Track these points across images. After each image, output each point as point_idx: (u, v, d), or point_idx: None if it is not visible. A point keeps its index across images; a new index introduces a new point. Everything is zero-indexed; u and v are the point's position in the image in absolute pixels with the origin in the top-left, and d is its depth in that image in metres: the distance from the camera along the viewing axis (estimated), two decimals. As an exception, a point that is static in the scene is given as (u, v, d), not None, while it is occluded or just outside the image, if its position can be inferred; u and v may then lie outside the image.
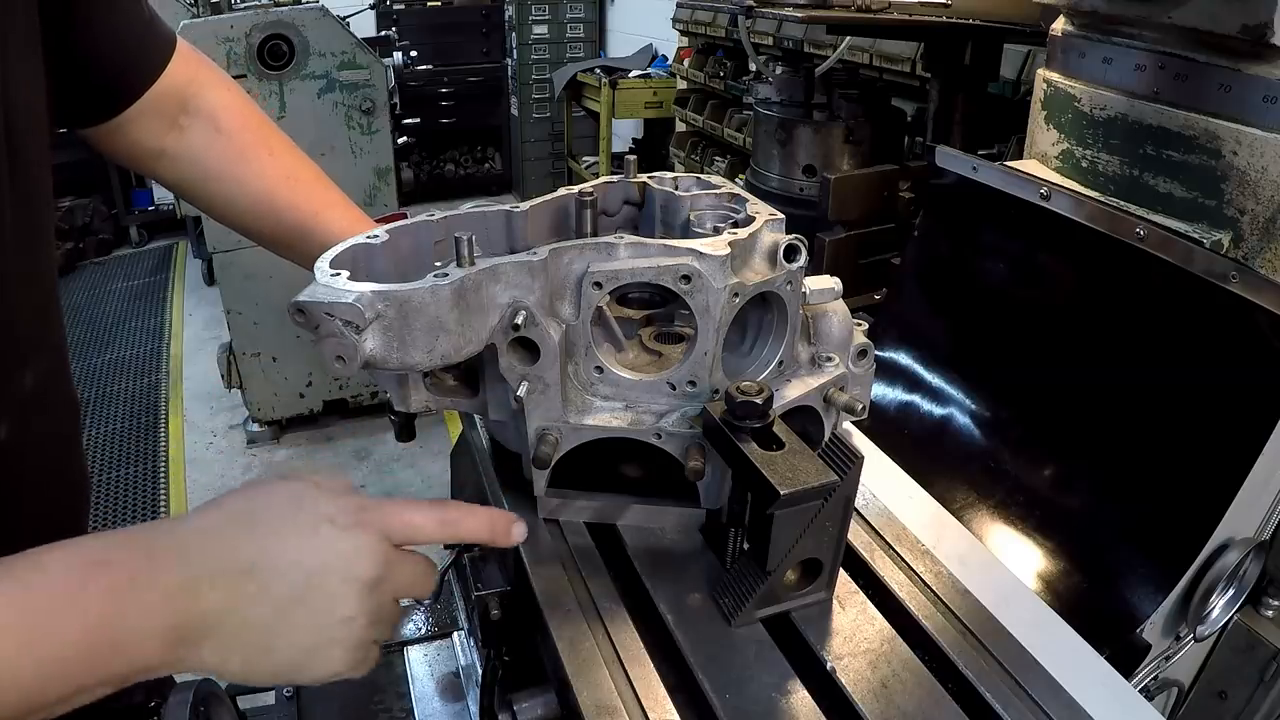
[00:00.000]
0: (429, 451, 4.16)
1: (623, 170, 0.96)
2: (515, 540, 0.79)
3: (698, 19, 4.78)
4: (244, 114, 1.12)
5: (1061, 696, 0.71)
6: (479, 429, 1.02)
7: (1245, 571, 1.08)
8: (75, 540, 0.64)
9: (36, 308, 0.89)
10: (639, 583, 0.82)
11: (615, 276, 0.77)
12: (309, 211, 1.09)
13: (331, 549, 0.67)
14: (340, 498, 0.70)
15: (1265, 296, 1.00)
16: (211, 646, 0.65)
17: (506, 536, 0.78)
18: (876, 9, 2.11)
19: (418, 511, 0.73)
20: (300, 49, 3.58)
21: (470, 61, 7.55)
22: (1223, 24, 1.09)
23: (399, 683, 1.04)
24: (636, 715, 0.68)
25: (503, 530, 0.78)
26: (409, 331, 0.72)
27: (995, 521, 1.26)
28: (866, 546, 0.87)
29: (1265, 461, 1.00)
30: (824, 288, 0.89)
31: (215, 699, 0.92)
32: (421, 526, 0.73)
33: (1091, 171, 1.37)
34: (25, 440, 0.87)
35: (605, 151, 6.15)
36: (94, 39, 0.95)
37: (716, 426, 0.74)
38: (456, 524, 0.76)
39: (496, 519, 0.78)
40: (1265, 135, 1.11)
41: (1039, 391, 1.31)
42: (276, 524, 0.68)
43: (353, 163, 3.82)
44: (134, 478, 4.15)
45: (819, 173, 2.28)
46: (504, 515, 0.79)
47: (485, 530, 0.77)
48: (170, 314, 5.90)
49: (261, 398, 4.19)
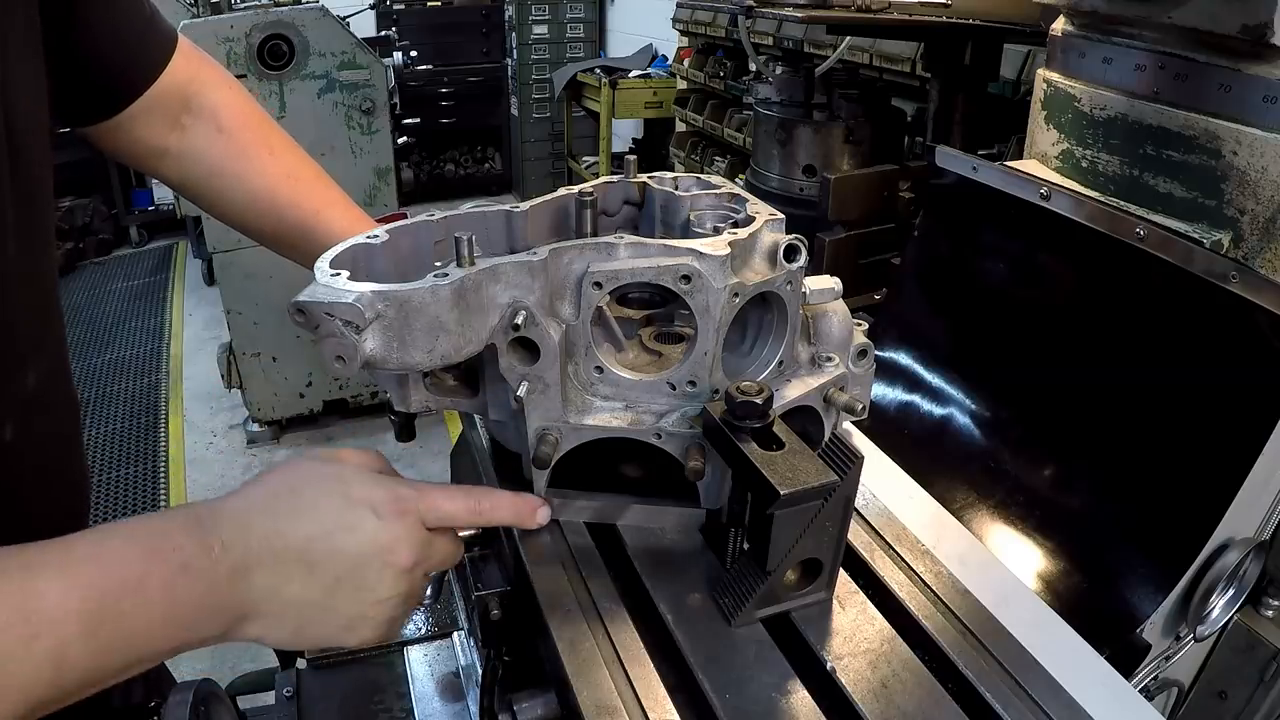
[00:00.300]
0: (429, 451, 4.16)
1: (623, 170, 0.96)
2: (540, 522, 0.83)
3: (698, 19, 4.78)
4: (245, 112, 1.12)
5: (1061, 696, 0.71)
6: (479, 429, 1.02)
7: (1245, 571, 1.08)
8: (129, 525, 0.67)
9: (38, 308, 0.89)
10: (639, 583, 0.82)
11: (615, 276, 0.77)
12: (310, 210, 1.09)
13: (373, 539, 0.72)
14: (380, 487, 0.74)
15: (1265, 296, 1.00)
16: (260, 624, 0.70)
17: (532, 519, 0.83)
18: (876, 9, 2.11)
19: (451, 500, 0.78)
20: (300, 49, 3.58)
21: (470, 61, 7.55)
22: (1223, 24, 1.09)
23: (399, 683, 1.04)
24: (636, 715, 0.68)
25: (528, 513, 0.82)
26: (409, 331, 0.72)
27: (995, 521, 1.26)
28: (866, 546, 0.87)
29: (1265, 461, 1.00)
30: (824, 288, 0.89)
31: (215, 699, 0.92)
32: (454, 515, 0.78)
33: (1091, 171, 1.37)
34: (27, 440, 0.87)
35: (605, 151, 6.15)
36: (95, 37, 0.95)
37: (716, 426, 0.74)
38: (487, 512, 0.81)
39: (522, 504, 0.82)
40: (1265, 135, 1.11)
41: (1039, 391, 1.31)
42: (322, 513, 0.71)
43: (353, 163, 3.82)
44: (134, 478, 4.15)
45: (819, 173, 2.28)
46: (529, 499, 0.83)
47: (511, 515, 0.82)
48: (170, 314, 5.90)
49: (261, 398, 4.19)
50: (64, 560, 0.62)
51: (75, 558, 0.63)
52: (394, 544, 0.73)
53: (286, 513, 0.71)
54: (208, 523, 0.68)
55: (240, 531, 0.68)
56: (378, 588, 0.73)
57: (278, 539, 0.69)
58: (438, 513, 0.77)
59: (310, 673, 1.06)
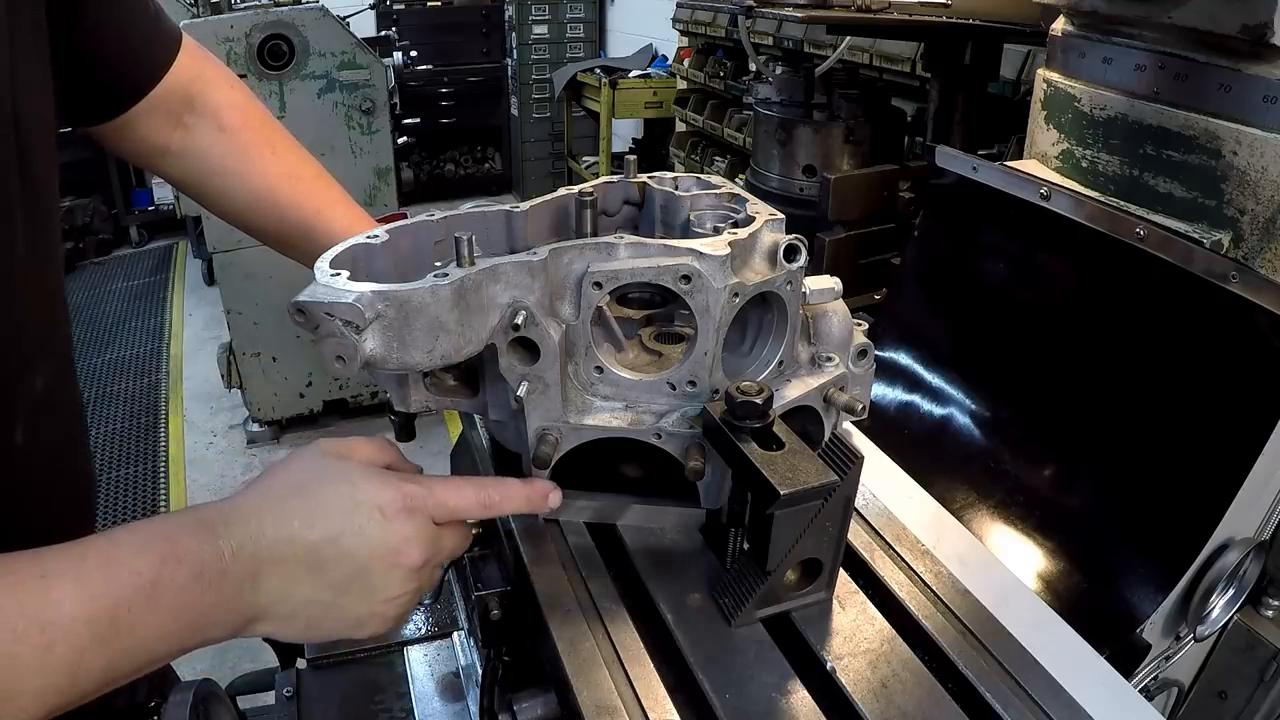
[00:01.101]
0: (429, 451, 4.15)
1: (623, 170, 0.96)
2: (553, 505, 0.82)
3: (698, 19, 4.78)
4: (247, 112, 1.12)
5: (1061, 696, 0.71)
6: (479, 429, 1.02)
7: (1245, 571, 1.08)
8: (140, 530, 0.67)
9: (46, 309, 0.89)
10: (639, 583, 0.82)
11: (615, 276, 0.77)
12: (311, 210, 1.09)
13: (382, 541, 0.73)
14: (387, 487, 0.74)
15: (1265, 296, 1.00)
16: (270, 624, 0.71)
17: (544, 503, 0.82)
18: (876, 9, 2.11)
19: (460, 495, 0.78)
20: (300, 49, 3.58)
21: (470, 61, 7.55)
22: (1223, 24, 1.09)
23: (399, 683, 1.04)
24: (636, 715, 0.68)
25: (540, 499, 0.82)
26: (409, 331, 0.72)
27: (995, 521, 1.26)
28: (866, 546, 0.87)
29: (1265, 461, 1.00)
30: (824, 288, 0.89)
31: (215, 699, 0.92)
32: (465, 509, 0.78)
33: (1091, 171, 1.37)
34: (36, 442, 0.87)
35: (605, 151, 6.15)
36: (101, 37, 0.95)
37: (716, 426, 0.74)
38: (498, 504, 0.80)
39: (533, 492, 0.82)
40: (1265, 135, 1.11)
41: (1039, 391, 1.31)
42: (331, 516, 0.72)
43: (353, 163, 3.82)
44: (134, 478, 4.15)
45: (819, 173, 2.28)
46: (539, 484, 0.82)
47: (524, 503, 0.81)
48: (170, 314, 5.90)
49: (261, 398, 4.19)
50: (79, 569, 0.63)
51: (88, 566, 0.63)
52: (403, 545, 0.73)
53: (295, 516, 0.71)
54: (219, 528, 0.68)
55: (250, 537, 0.69)
56: (388, 587, 0.74)
57: (287, 544, 0.70)
58: (446, 508, 0.77)
59: (310, 673, 1.06)
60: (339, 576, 0.72)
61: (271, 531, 0.70)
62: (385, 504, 0.73)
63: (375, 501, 0.73)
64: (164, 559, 0.64)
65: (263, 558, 0.69)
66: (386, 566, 0.73)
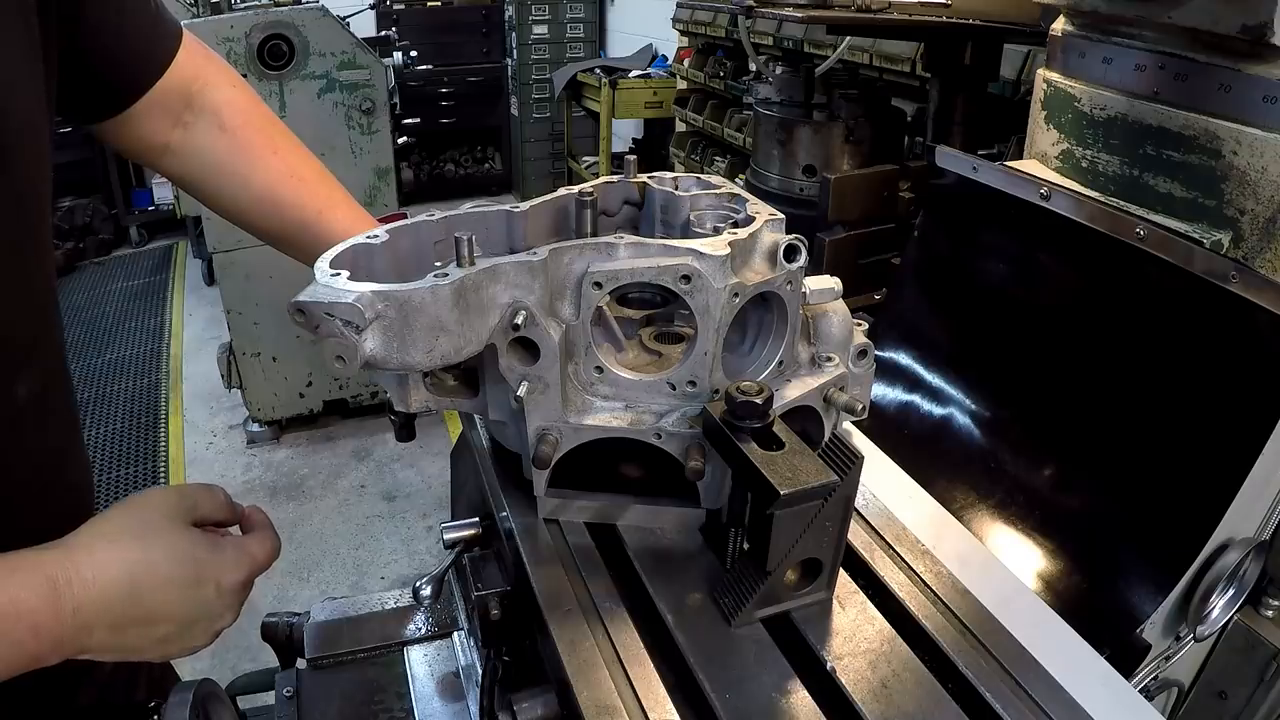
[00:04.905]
0: (429, 451, 4.16)
1: (623, 170, 0.96)
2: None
3: (698, 19, 4.78)
4: (248, 111, 1.12)
5: (1061, 696, 0.71)
6: (479, 429, 1.02)
7: (1245, 571, 1.08)
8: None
9: (30, 316, 0.87)
10: (639, 583, 0.82)
11: (615, 276, 0.77)
12: (312, 209, 1.09)
13: (204, 608, 0.83)
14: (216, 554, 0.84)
15: (1265, 296, 1.00)
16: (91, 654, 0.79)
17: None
18: (876, 9, 2.11)
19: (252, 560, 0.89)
20: (300, 49, 3.58)
21: (470, 61, 7.55)
22: (1223, 24, 1.09)
23: (399, 683, 1.04)
24: (636, 715, 0.68)
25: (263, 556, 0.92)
26: (409, 331, 0.72)
27: (995, 521, 1.26)
28: (866, 546, 0.87)
29: (1265, 461, 1.00)
30: (824, 288, 0.89)
31: (215, 699, 0.92)
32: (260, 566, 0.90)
33: (1091, 171, 1.37)
34: (18, 453, 0.86)
35: (605, 151, 6.15)
36: (102, 35, 0.94)
37: (716, 426, 0.74)
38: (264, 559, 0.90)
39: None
40: (1265, 135, 1.11)
41: (1039, 391, 1.31)
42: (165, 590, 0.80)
43: (353, 163, 3.82)
44: (134, 478, 4.15)
45: (819, 173, 2.28)
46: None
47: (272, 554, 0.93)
48: (170, 314, 5.90)
49: (261, 398, 4.19)
50: None
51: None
52: (223, 610, 0.85)
53: (131, 587, 0.77)
54: (63, 590, 0.73)
55: (94, 602, 0.75)
56: (200, 639, 0.85)
57: (119, 610, 0.77)
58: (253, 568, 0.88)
59: (310, 673, 1.06)
60: (160, 632, 0.81)
61: (116, 595, 0.76)
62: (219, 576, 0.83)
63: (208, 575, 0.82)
64: (4, 615, 0.69)
65: (100, 616, 0.75)
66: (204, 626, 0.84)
